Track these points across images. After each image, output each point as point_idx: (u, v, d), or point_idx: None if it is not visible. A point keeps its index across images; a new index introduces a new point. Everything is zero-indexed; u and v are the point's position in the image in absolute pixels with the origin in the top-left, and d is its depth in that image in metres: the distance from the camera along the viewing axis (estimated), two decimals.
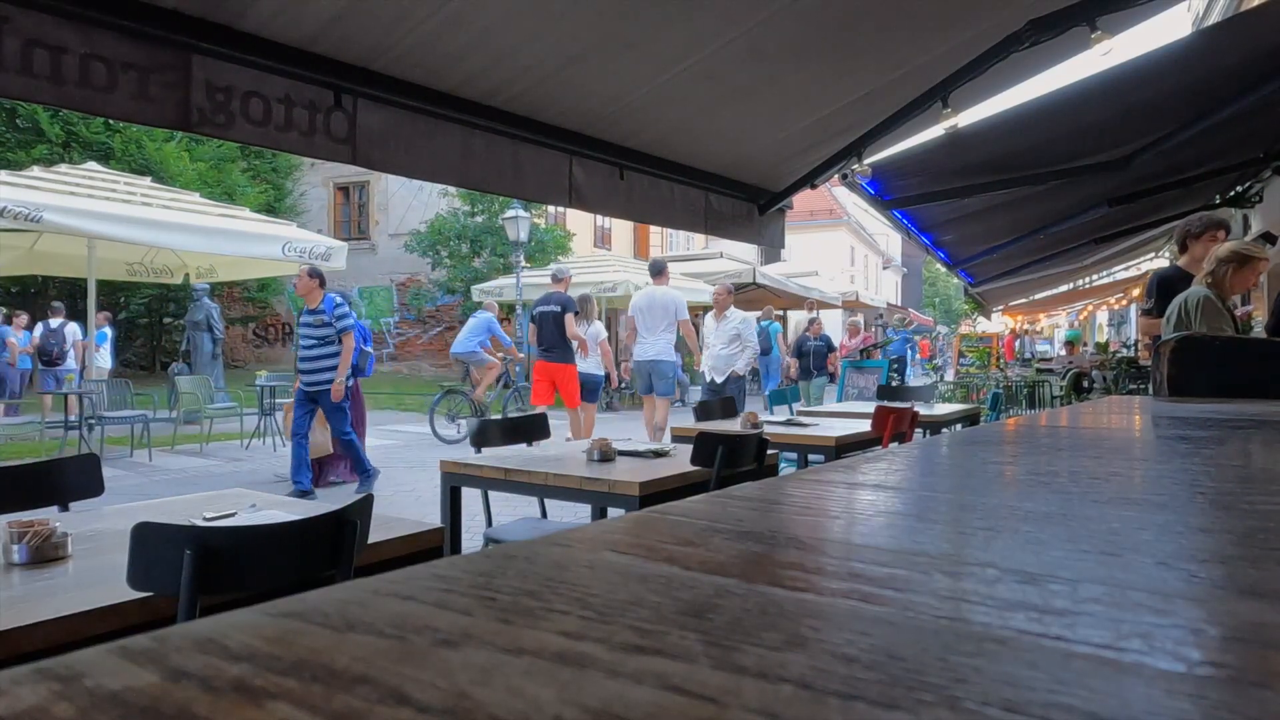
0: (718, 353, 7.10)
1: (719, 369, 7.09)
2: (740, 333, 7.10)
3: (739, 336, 7.07)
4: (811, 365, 10.42)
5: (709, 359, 7.17)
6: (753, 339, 7.18)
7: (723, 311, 7.19)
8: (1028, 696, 0.22)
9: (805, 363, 10.51)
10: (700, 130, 3.99)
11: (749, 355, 7.13)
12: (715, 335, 7.16)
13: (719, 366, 7.09)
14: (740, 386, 7.08)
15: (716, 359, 7.11)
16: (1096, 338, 23.53)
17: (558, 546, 0.38)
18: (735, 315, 7.19)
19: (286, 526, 1.59)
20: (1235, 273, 3.45)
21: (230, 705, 0.21)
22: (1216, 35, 5.13)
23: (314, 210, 18.91)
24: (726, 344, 7.07)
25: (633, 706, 0.21)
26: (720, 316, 7.22)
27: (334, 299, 5.97)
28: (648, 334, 7.03)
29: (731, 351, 7.06)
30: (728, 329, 7.12)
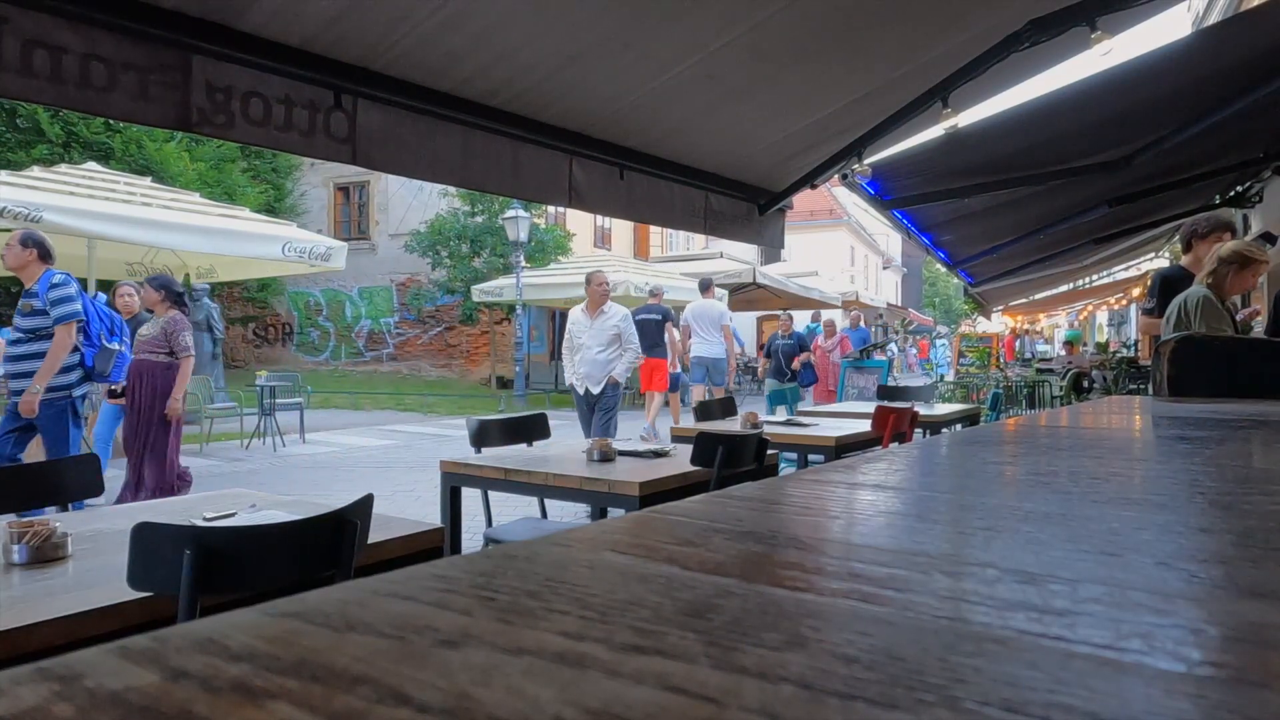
0: (593, 357, 5.85)
1: (594, 377, 5.85)
2: (621, 331, 5.88)
3: (619, 336, 5.87)
4: (783, 366, 9.58)
5: (581, 364, 5.89)
6: (634, 339, 5.95)
7: (598, 306, 5.92)
8: (1028, 696, 0.22)
9: (775, 362, 9.68)
10: (700, 130, 3.99)
11: (630, 359, 5.88)
12: (590, 335, 5.89)
13: (594, 374, 5.85)
14: (618, 397, 5.91)
15: (591, 365, 5.85)
16: (1096, 338, 23.54)
17: (558, 546, 0.38)
18: (615, 311, 5.97)
19: (286, 526, 1.59)
20: (1236, 274, 3.45)
21: (230, 705, 0.21)
22: (1216, 35, 5.13)
23: (314, 210, 18.91)
24: (604, 346, 5.84)
25: (633, 706, 0.21)
26: (595, 312, 5.93)
27: (53, 276, 4.28)
28: (705, 336, 9.04)
29: (610, 355, 5.85)
30: (606, 327, 5.89)
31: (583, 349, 5.90)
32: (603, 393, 5.88)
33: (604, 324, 5.92)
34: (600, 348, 5.88)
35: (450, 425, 11.44)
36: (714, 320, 9.12)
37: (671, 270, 16.52)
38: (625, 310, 6.05)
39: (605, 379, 5.85)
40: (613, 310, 5.98)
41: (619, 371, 5.87)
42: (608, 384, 5.87)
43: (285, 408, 9.17)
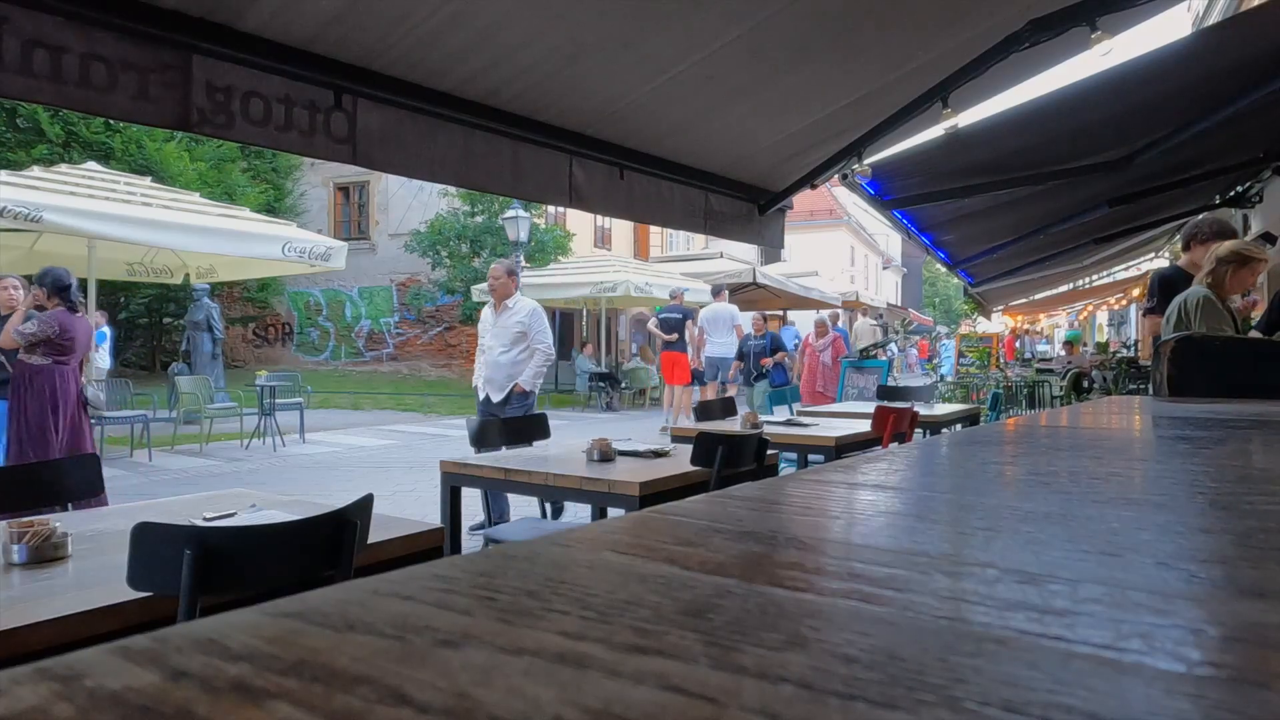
0: (495, 358, 5.00)
1: (495, 381, 4.99)
2: (528, 328, 5.00)
3: (525, 334, 5.00)
4: (752, 367, 9.10)
5: (483, 367, 5.11)
6: (545, 337, 5.04)
7: (502, 299, 5.08)
8: (1028, 696, 0.22)
9: (747, 365, 9.21)
10: (700, 130, 3.99)
11: (540, 362, 4.98)
12: (493, 335, 5.06)
13: (495, 379, 5.00)
14: (527, 407, 4.97)
15: (493, 367, 5.01)
16: (1096, 338, 23.54)
17: (558, 546, 0.38)
18: (521, 305, 5.07)
19: (286, 526, 1.59)
20: (1235, 273, 3.46)
21: (230, 705, 0.21)
22: (1216, 35, 5.13)
23: (314, 210, 18.92)
24: (508, 345, 4.98)
25: (633, 706, 0.21)
26: (500, 307, 5.09)
27: None
28: (717, 337, 9.48)
29: (515, 357, 4.98)
30: (509, 325, 5.02)
31: (485, 350, 5.13)
32: (506, 402, 4.98)
33: (508, 320, 5.06)
34: (503, 347, 5.01)
35: (450, 425, 11.44)
36: (726, 322, 9.72)
37: (672, 270, 16.54)
38: (534, 304, 5.13)
39: (509, 385, 4.99)
40: (519, 304, 5.09)
41: (526, 378, 4.97)
42: (513, 392, 4.98)
43: (285, 408, 9.17)
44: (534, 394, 5.11)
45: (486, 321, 5.17)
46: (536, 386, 5.09)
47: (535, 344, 5.00)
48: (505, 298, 5.10)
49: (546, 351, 5.04)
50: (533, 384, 5.02)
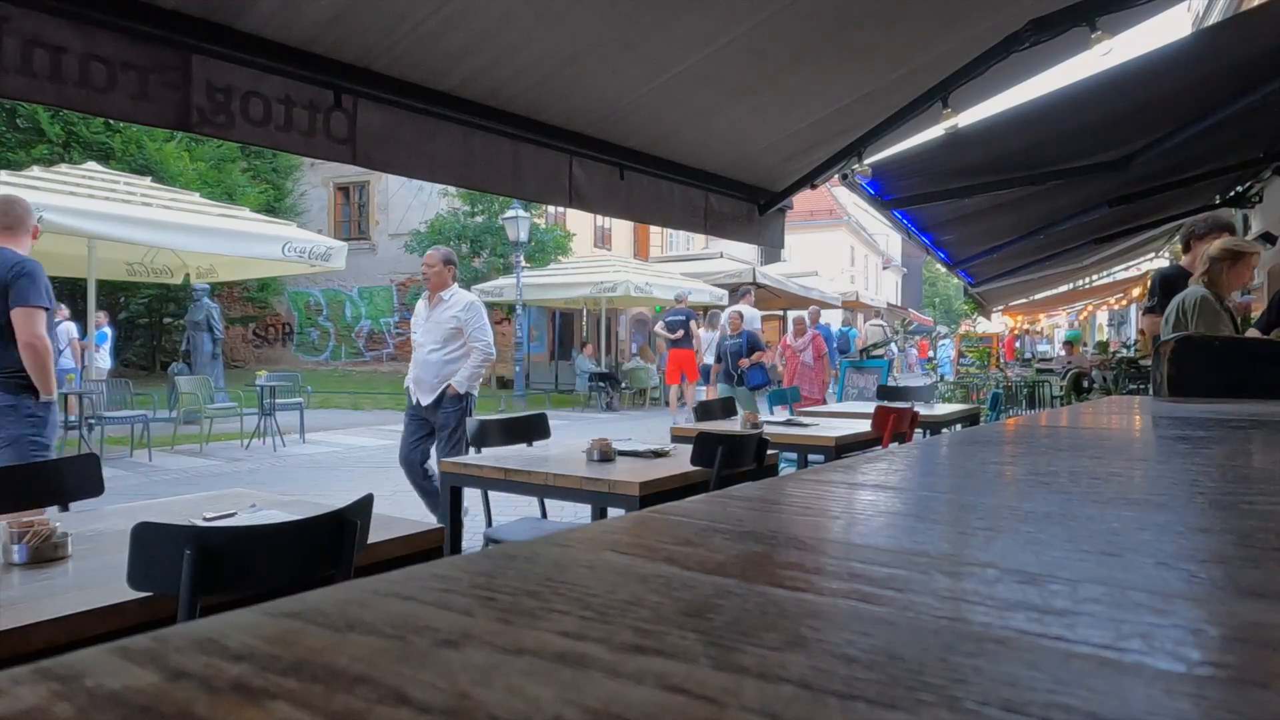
0: (424, 357, 4.52)
1: (425, 383, 4.50)
2: (463, 323, 4.48)
3: (460, 330, 4.50)
4: (730, 369, 8.68)
5: (414, 367, 4.62)
6: (484, 335, 4.54)
7: (436, 291, 4.59)
8: (1028, 696, 0.22)
9: (724, 366, 8.83)
10: (700, 130, 3.99)
11: (477, 361, 4.49)
12: (425, 330, 4.59)
13: (424, 379, 4.50)
14: (461, 410, 4.46)
15: (423, 367, 4.52)
16: (1096, 338, 23.54)
17: (558, 546, 0.38)
18: (458, 298, 4.58)
19: (286, 526, 1.59)
20: (1229, 269, 3.46)
21: (230, 705, 0.21)
22: (1216, 35, 5.13)
23: (314, 210, 18.93)
24: (440, 343, 4.49)
25: (633, 706, 0.21)
26: (433, 300, 4.60)
27: None
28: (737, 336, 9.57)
29: (448, 355, 4.49)
30: (443, 320, 4.52)
31: (416, 347, 4.65)
32: (438, 405, 4.47)
33: (441, 314, 4.54)
34: (434, 345, 4.51)
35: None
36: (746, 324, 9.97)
37: (672, 270, 16.55)
38: (472, 298, 4.64)
39: (441, 387, 4.47)
40: (455, 297, 4.58)
41: (461, 379, 4.43)
42: (445, 395, 4.45)
43: (285, 408, 9.17)
44: (471, 398, 4.52)
45: (419, 315, 4.66)
46: (474, 389, 4.54)
47: (472, 341, 4.49)
48: (440, 289, 4.58)
49: (485, 350, 4.51)
50: (468, 385, 4.47)
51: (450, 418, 4.46)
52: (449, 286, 4.61)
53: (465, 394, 4.49)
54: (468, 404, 4.52)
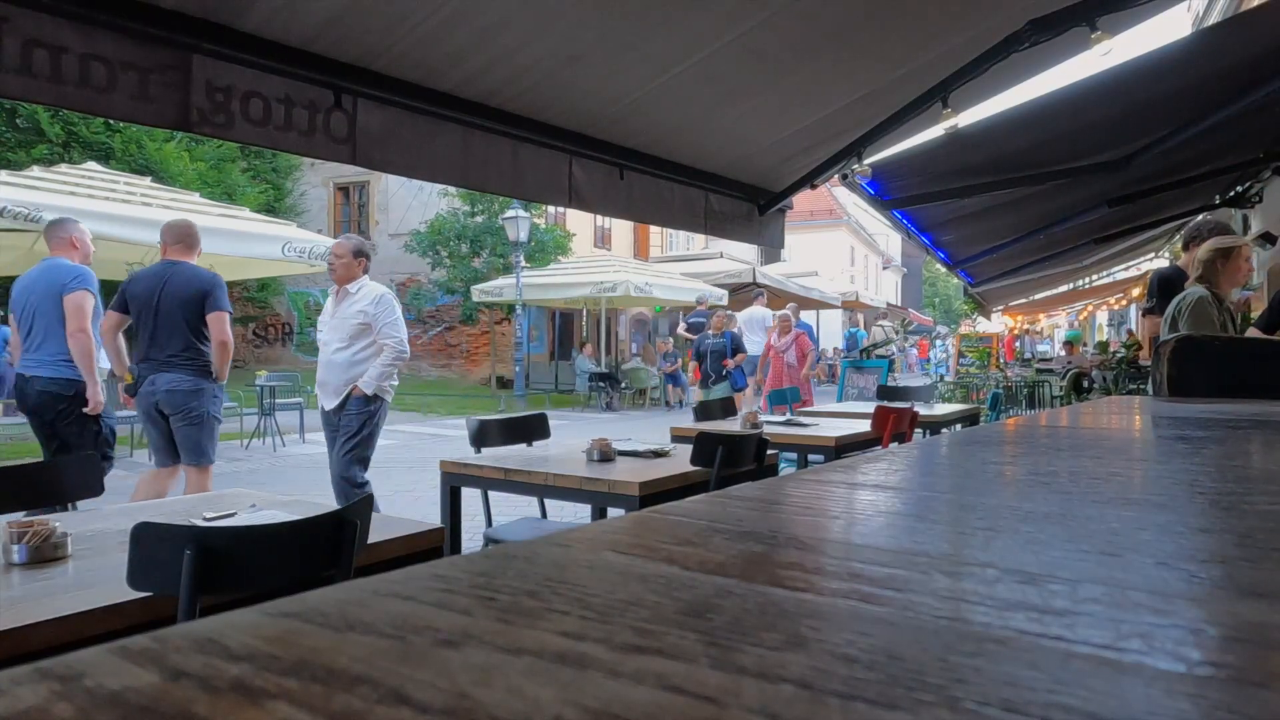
0: (329, 356, 4.07)
1: (329, 385, 4.08)
2: (372, 319, 4.03)
3: (369, 327, 4.04)
4: (710, 369, 8.18)
5: (319, 369, 4.17)
6: (395, 331, 4.07)
7: (345, 284, 4.11)
8: (1028, 696, 0.22)
9: (704, 367, 8.31)
10: (700, 130, 3.99)
11: (388, 360, 4.04)
12: (330, 328, 4.12)
13: (330, 381, 4.07)
14: (369, 415, 4.04)
15: (328, 368, 4.08)
16: (1096, 338, 23.55)
17: (558, 546, 0.38)
18: (366, 291, 4.09)
19: (286, 526, 1.59)
20: (1225, 268, 3.47)
21: (230, 705, 0.21)
22: (1216, 35, 5.13)
23: (314, 210, 18.93)
24: (346, 341, 4.02)
25: (633, 706, 0.21)
26: (340, 294, 4.13)
27: None
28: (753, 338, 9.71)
29: (355, 355, 4.03)
30: (348, 315, 4.06)
31: (321, 346, 4.17)
32: (343, 408, 4.04)
33: (347, 310, 4.07)
34: (340, 343, 4.04)
35: (450, 425, 11.44)
36: (760, 324, 10.24)
37: (672, 270, 16.55)
38: (382, 290, 4.14)
39: (346, 390, 4.02)
40: (363, 290, 4.10)
41: (368, 379, 3.99)
42: (350, 398, 4.01)
43: (285, 408, 9.17)
44: (382, 402, 4.08)
45: (326, 312, 4.20)
46: (386, 391, 4.10)
47: (381, 338, 4.04)
48: (347, 281, 4.10)
49: (397, 348, 4.05)
50: (376, 386, 4.02)
51: (354, 421, 4.02)
52: (357, 279, 4.13)
53: (374, 396, 4.05)
54: (378, 408, 4.08)
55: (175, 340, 3.90)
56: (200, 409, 3.95)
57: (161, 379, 3.88)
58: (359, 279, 4.13)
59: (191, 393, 3.92)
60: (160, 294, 3.91)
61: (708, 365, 8.27)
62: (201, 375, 3.95)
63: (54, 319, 3.89)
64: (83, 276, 4.00)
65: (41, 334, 3.91)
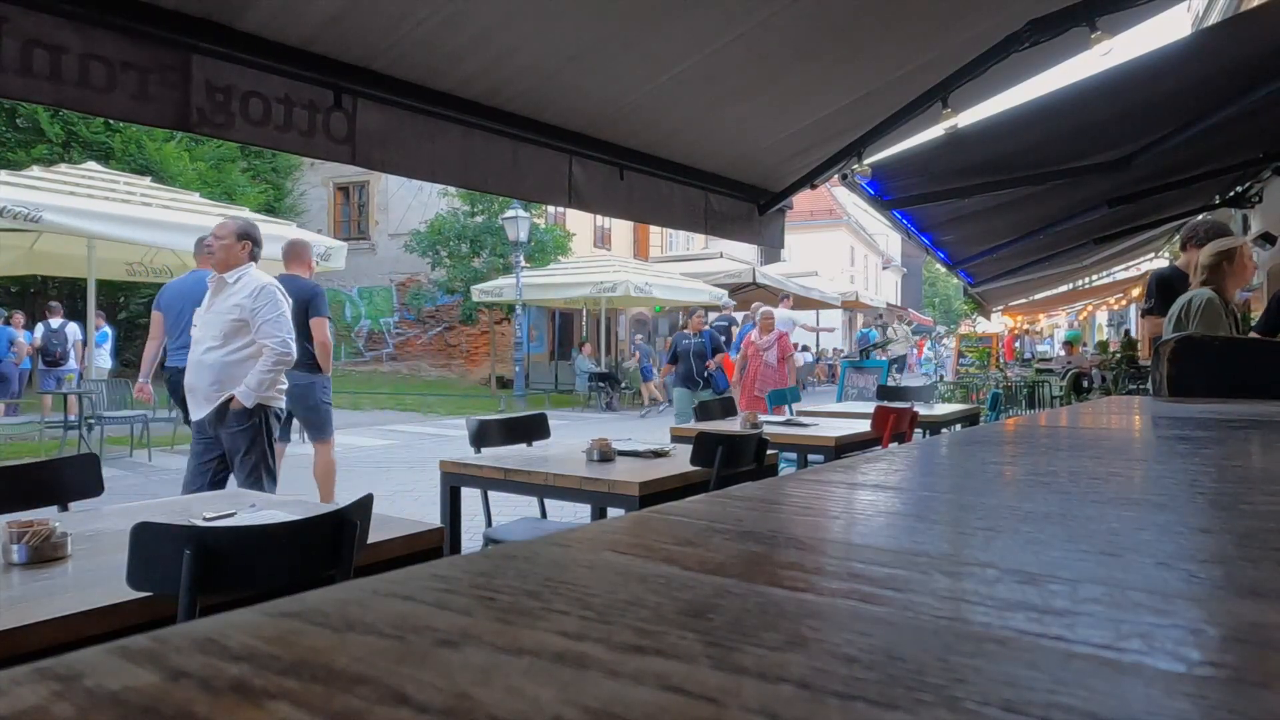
0: (200, 357, 3.48)
1: (199, 391, 3.48)
2: (249, 314, 3.45)
3: (247, 324, 3.46)
4: (692, 370, 7.69)
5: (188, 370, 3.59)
6: (277, 329, 3.47)
7: (224, 271, 3.51)
8: (1028, 696, 0.22)
9: (683, 367, 7.76)
10: (700, 130, 3.99)
11: (268, 364, 3.44)
12: (203, 324, 3.53)
13: (200, 387, 3.48)
14: (254, 429, 3.47)
15: (198, 370, 3.49)
16: (1096, 338, 23.56)
17: (558, 546, 0.38)
18: (246, 282, 3.49)
19: (286, 526, 1.59)
20: (1230, 270, 3.47)
21: (230, 705, 0.21)
22: (1216, 35, 5.13)
23: (314, 210, 18.93)
24: (221, 339, 3.44)
25: (633, 706, 0.21)
26: (217, 284, 3.52)
27: None
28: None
29: (229, 356, 3.45)
30: (225, 309, 3.48)
31: (193, 344, 3.57)
32: (221, 421, 3.46)
33: (224, 303, 3.48)
34: (213, 341, 3.45)
35: (450, 425, 11.44)
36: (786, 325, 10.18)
37: (672, 270, 16.55)
38: (265, 281, 3.54)
39: (221, 396, 3.44)
40: (243, 281, 3.50)
41: (246, 390, 3.41)
42: (228, 408, 3.44)
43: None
44: (268, 413, 3.53)
45: (203, 304, 3.61)
46: (273, 399, 3.53)
47: (261, 337, 3.43)
48: (227, 268, 3.50)
49: (278, 350, 3.46)
50: (256, 394, 3.43)
51: (239, 440, 3.45)
52: (240, 266, 3.52)
53: (258, 408, 3.47)
54: (263, 422, 3.50)
55: None
56: (314, 399, 4.87)
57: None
58: (242, 267, 3.52)
59: (306, 386, 4.69)
60: None
61: (689, 367, 7.78)
62: (311, 370, 4.69)
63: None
64: None
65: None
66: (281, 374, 3.57)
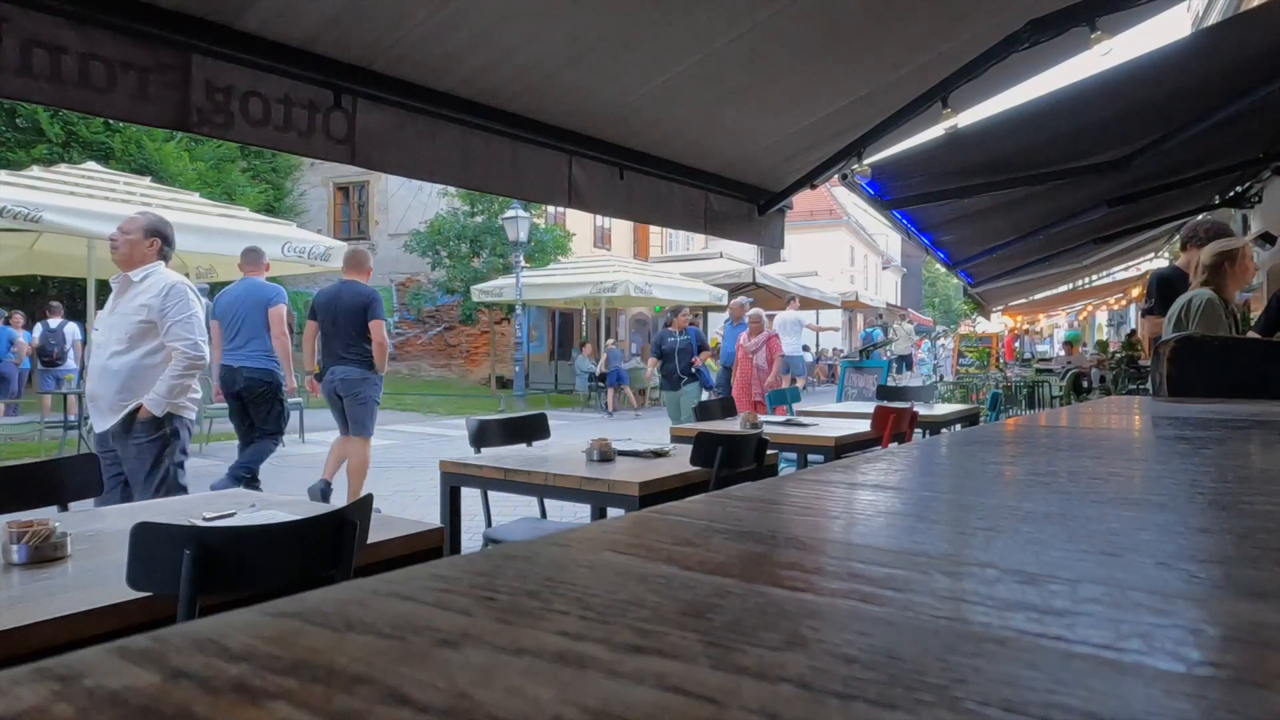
0: (103, 363, 3.19)
1: (104, 400, 3.18)
2: (158, 316, 3.16)
3: (155, 326, 3.17)
4: (678, 369, 7.60)
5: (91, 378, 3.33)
6: (187, 330, 3.18)
7: (130, 269, 3.22)
8: (1028, 696, 0.22)
9: (669, 366, 7.66)
10: (700, 130, 3.99)
11: (179, 369, 3.16)
12: (106, 327, 3.26)
13: (104, 395, 3.18)
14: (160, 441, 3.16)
15: (101, 377, 3.20)
16: (1096, 338, 23.56)
17: (558, 546, 0.38)
18: (154, 282, 3.21)
19: (286, 526, 1.59)
20: (1231, 271, 3.47)
21: (230, 705, 0.21)
22: (1216, 36, 5.13)
23: (314, 210, 18.92)
24: (127, 344, 3.16)
25: (633, 706, 0.21)
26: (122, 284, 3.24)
27: None
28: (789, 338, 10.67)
29: (137, 361, 3.16)
30: (130, 311, 3.19)
31: (95, 349, 3.33)
32: (127, 433, 3.16)
33: (129, 304, 3.20)
34: (118, 346, 3.17)
35: (450, 425, 11.44)
36: (793, 325, 11.29)
37: (671, 270, 16.55)
38: (174, 280, 3.22)
39: (127, 406, 3.15)
40: (151, 279, 3.21)
41: (155, 396, 3.12)
42: (136, 421, 3.14)
43: None
44: (178, 423, 3.21)
45: (106, 306, 3.33)
46: (185, 408, 3.23)
47: (170, 340, 3.15)
48: (133, 266, 3.21)
49: (189, 353, 3.17)
50: (166, 402, 3.13)
51: (144, 452, 3.12)
52: (147, 265, 3.22)
53: (167, 417, 3.17)
54: (172, 433, 3.19)
55: (347, 341, 5.10)
56: (364, 393, 5.15)
57: (338, 370, 5.11)
58: (149, 265, 3.23)
59: (359, 380, 5.11)
60: (336, 307, 5.13)
61: (675, 364, 7.65)
62: (366, 368, 5.12)
63: (258, 324, 5.19)
64: (281, 293, 5.37)
65: (246, 335, 5.19)
66: (194, 380, 3.26)
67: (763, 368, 7.92)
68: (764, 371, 7.91)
